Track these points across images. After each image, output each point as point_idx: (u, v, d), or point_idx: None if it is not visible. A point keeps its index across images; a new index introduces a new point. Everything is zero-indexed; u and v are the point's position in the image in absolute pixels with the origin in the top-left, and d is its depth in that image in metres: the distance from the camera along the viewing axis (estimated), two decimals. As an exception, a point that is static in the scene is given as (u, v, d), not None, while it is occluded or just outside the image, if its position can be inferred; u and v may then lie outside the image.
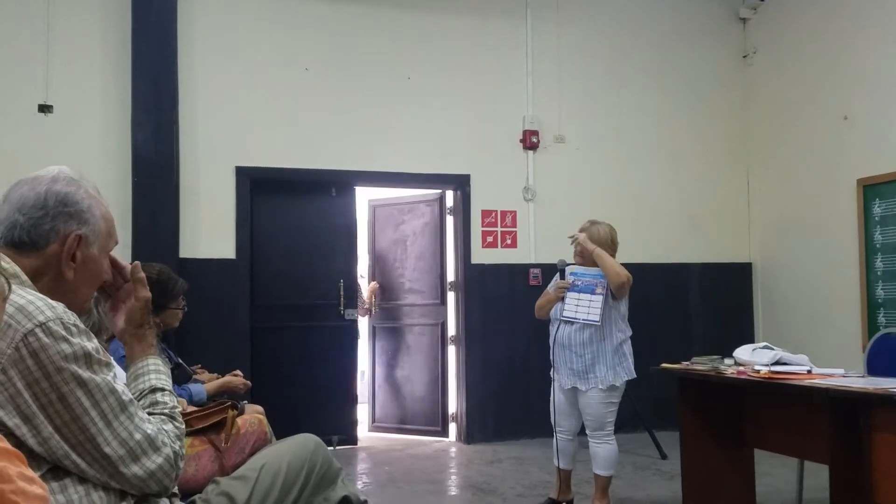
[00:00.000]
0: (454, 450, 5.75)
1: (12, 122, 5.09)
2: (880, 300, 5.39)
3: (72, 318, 1.32)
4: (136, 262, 1.63)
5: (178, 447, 1.45)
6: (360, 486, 4.64)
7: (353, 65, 5.80)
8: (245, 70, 5.57)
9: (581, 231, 3.90)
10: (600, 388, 3.72)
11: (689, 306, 6.48)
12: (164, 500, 1.46)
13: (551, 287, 3.97)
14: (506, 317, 5.97)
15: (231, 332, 5.40)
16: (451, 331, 6.15)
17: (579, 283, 3.83)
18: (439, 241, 6.19)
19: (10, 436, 1.22)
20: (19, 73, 5.14)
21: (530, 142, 6.12)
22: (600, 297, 3.73)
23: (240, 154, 5.53)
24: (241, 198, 5.53)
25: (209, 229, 5.44)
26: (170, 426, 1.47)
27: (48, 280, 1.41)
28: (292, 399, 5.49)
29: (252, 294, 5.56)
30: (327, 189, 5.86)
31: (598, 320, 3.71)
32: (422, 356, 6.24)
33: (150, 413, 1.47)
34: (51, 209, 1.41)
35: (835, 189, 5.77)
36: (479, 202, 6.05)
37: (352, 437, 5.82)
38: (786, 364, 3.25)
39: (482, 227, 6.06)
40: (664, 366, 3.74)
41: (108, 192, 1.66)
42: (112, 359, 1.43)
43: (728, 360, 3.53)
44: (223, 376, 3.65)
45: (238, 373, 3.69)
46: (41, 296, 1.32)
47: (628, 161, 6.40)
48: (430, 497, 4.47)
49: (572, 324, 3.80)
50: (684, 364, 3.68)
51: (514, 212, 6.13)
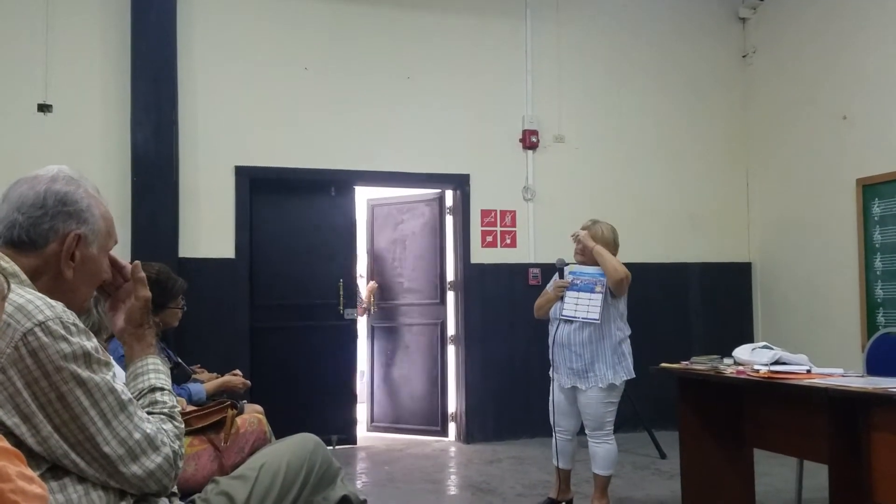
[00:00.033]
0: (454, 449, 5.75)
1: (12, 121, 5.09)
2: (879, 300, 5.40)
3: (71, 317, 1.32)
4: (137, 262, 1.63)
5: (177, 447, 1.45)
6: (359, 485, 4.64)
7: (353, 64, 5.80)
8: (245, 70, 5.57)
9: (583, 229, 3.92)
10: (600, 386, 3.72)
11: (688, 306, 6.48)
12: (163, 500, 1.46)
13: (550, 286, 3.97)
14: (505, 316, 5.97)
15: (230, 332, 5.40)
16: (451, 330, 6.15)
17: (578, 281, 3.83)
18: (438, 241, 6.19)
19: (10, 435, 1.22)
20: (19, 73, 5.13)
21: (530, 141, 6.12)
22: (599, 296, 3.74)
23: (239, 154, 5.53)
24: (240, 197, 5.53)
25: (209, 229, 5.44)
26: (169, 426, 1.47)
27: (47, 279, 1.41)
28: (292, 398, 5.50)
29: (251, 294, 5.56)
30: (327, 189, 5.86)
31: (597, 318, 3.71)
32: (421, 356, 6.24)
33: (149, 412, 1.47)
34: (50, 208, 1.41)
35: (834, 189, 5.77)
36: (479, 202, 6.05)
37: (351, 436, 5.82)
38: (785, 364, 3.25)
39: (482, 226, 6.06)
40: (663, 365, 3.74)
41: (108, 191, 1.66)
42: (111, 358, 1.43)
43: (727, 360, 3.53)
44: (222, 376, 3.65)
45: (237, 372, 3.69)
46: (40, 295, 1.32)
47: (628, 161, 6.40)
48: (430, 497, 4.47)
49: (571, 323, 3.80)
50: (684, 364, 3.68)
51: (514, 211, 6.13)
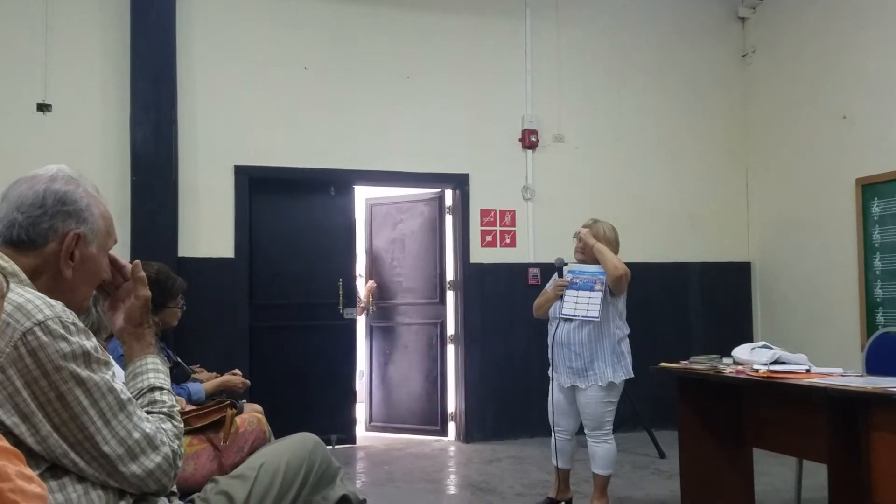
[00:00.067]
0: (453, 449, 5.75)
1: (11, 121, 5.09)
2: (879, 299, 5.40)
3: (70, 316, 1.32)
4: (137, 261, 1.63)
5: (176, 446, 1.45)
6: (358, 485, 4.64)
7: (353, 64, 5.80)
8: (244, 69, 5.57)
9: (584, 227, 3.93)
10: (599, 385, 3.72)
11: (688, 306, 6.48)
12: (162, 499, 1.46)
13: (550, 286, 3.97)
14: (505, 316, 5.97)
15: (230, 331, 5.40)
16: (450, 330, 6.15)
17: (578, 280, 3.83)
18: (438, 240, 6.19)
19: (9, 434, 1.22)
20: (18, 73, 5.13)
21: (529, 141, 6.12)
22: (599, 294, 3.74)
23: (239, 153, 5.53)
24: (240, 197, 5.53)
25: (208, 228, 5.44)
26: (168, 425, 1.47)
27: (47, 279, 1.41)
28: (291, 398, 5.49)
29: (251, 293, 5.56)
30: (326, 188, 5.86)
31: (597, 316, 3.71)
32: (421, 355, 6.24)
33: (148, 412, 1.47)
34: (49, 208, 1.41)
35: (834, 188, 5.77)
36: (478, 201, 6.05)
37: (350, 436, 5.82)
38: (784, 363, 3.25)
39: (481, 226, 6.06)
40: (663, 365, 3.74)
41: (107, 190, 1.66)
42: (111, 357, 1.43)
43: (727, 360, 3.53)
44: (222, 375, 3.65)
45: (237, 372, 3.70)
46: (40, 294, 1.32)
47: (628, 160, 6.40)
48: (429, 496, 4.47)
49: (571, 321, 3.80)
50: (683, 363, 3.68)
51: (513, 211, 6.13)
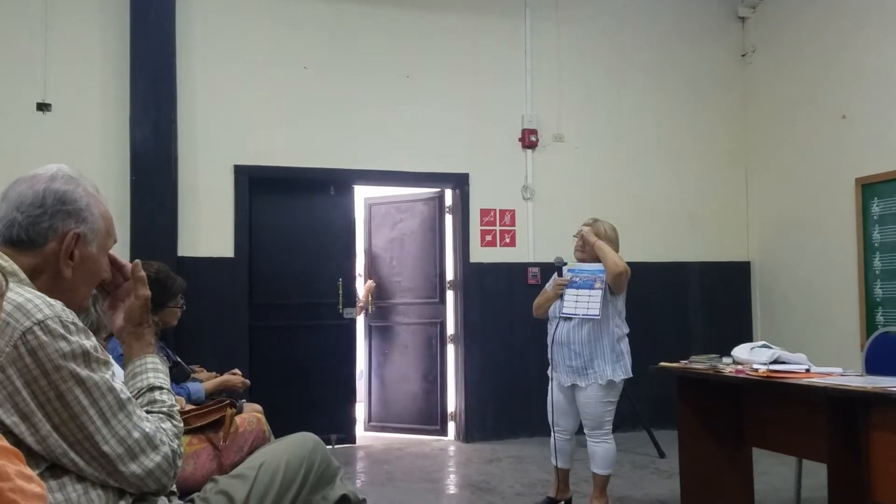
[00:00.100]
0: (453, 449, 5.75)
1: (11, 120, 5.09)
2: (879, 299, 5.40)
3: (70, 316, 1.32)
4: (137, 261, 1.63)
5: (176, 445, 1.45)
6: (358, 484, 4.64)
7: (353, 64, 5.80)
8: (244, 69, 5.57)
9: (585, 226, 3.93)
10: (599, 383, 3.72)
11: (687, 305, 6.48)
12: (162, 499, 1.46)
13: (549, 285, 3.97)
14: (504, 316, 5.97)
15: (229, 331, 5.40)
16: (450, 329, 6.15)
17: (577, 279, 3.83)
18: (437, 240, 6.19)
19: (9, 434, 1.22)
20: (18, 72, 5.13)
21: (529, 141, 6.12)
22: (599, 292, 3.74)
23: (238, 153, 5.52)
24: (239, 196, 5.53)
25: (208, 228, 5.44)
26: (168, 424, 1.47)
27: (46, 278, 1.41)
28: (291, 398, 5.49)
29: (250, 293, 5.56)
30: (326, 188, 5.86)
31: (597, 314, 3.71)
32: (421, 355, 6.23)
33: (148, 411, 1.47)
34: (49, 207, 1.41)
35: (833, 188, 5.77)
36: (478, 201, 6.05)
37: (350, 435, 5.82)
38: (784, 363, 3.25)
39: (481, 225, 6.06)
40: (663, 364, 3.74)
41: (107, 190, 1.66)
42: (110, 357, 1.43)
43: (726, 359, 3.53)
44: (221, 375, 3.65)
45: (237, 371, 3.69)
46: (39, 294, 1.32)
47: (627, 160, 6.40)
48: (429, 496, 4.47)
49: (571, 320, 3.81)
50: (683, 363, 3.68)
51: (513, 210, 6.13)
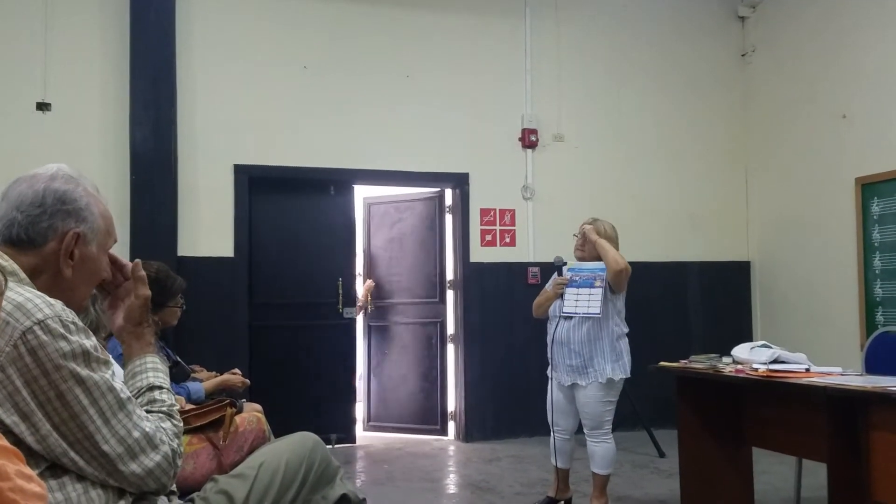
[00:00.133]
0: (453, 448, 5.75)
1: (11, 120, 5.09)
2: (878, 298, 5.40)
3: (70, 315, 1.31)
4: (137, 260, 1.63)
5: (176, 445, 1.45)
6: (358, 484, 4.64)
7: (352, 63, 5.80)
8: (244, 68, 5.56)
9: (587, 224, 3.93)
10: (599, 381, 3.71)
11: (687, 305, 6.48)
12: (162, 498, 1.46)
13: (549, 285, 3.97)
14: (504, 315, 5.97)
15: (229, 331, 5.39)
16: (450, 329, 6.15)
17: (577, 278, 3.83)
18: (437, 240, 6.19)
19: (9, 433, 1.22)
20: (18, 72, 5.13)
21: (529, 140, 6.12)
22: (599, 290, 3.73)
23: (238, 152, 5.52)
24: (239, 196, 5.53)
25: (208, 227, 5.44)
26: (168, 424, 1.47)
27: (46, 278, 1.41)
28: (291, 397, 5.49)
29: (250, 292, 5.56)
30: (326, 187, 5.86)
31: (598, 312, 3.70)
32: (421, 354, 6.23)
33: (147, 411, 1.47)
34: (49, 207, 1.41)
35: (833, 188, 5.77)
36: (478, 200, 6.05)
37: (350, 435, 5.82)
38: (784, 362, 3.25)
39: (481, 225, 6.06)
40: (662, 364, 3.74)
41: (107, 190, 1.66)
42: (110, 356, 1.43)
43: (726, 359, 3.53)
44: (221, 374, 3.65)
45: (236, 371, 3.69)
46: (39, 293, 1.31)
47: (627, 160, 6.40)
48: (429, 495, 4.47)
49: (570, 319, 3.80)
50: (683, 362, 3.68)
51: (513, 210, 6.13)
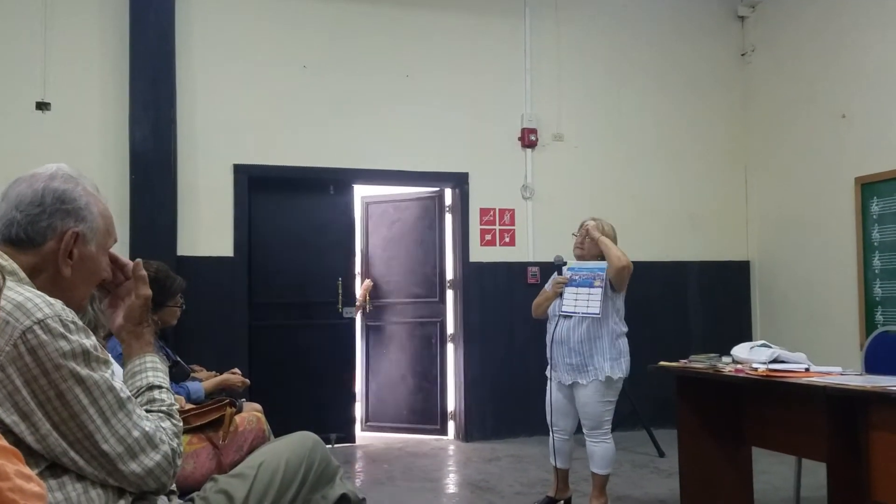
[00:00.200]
0: (452, 448, 5.75)
1: (11, 120, 5.08)
2: (878, 298, 5.40)
3: (70, 315, 1.31)
4: (138, 260, 1.62)
5: (175, 444, 1.45)
6: (358, 483, 4.64)
7: (352, 63, 5.79)
8: (243, 68, 5.56)
9: (591, 221, 3.93)
10: (599, 380, 3.70)
11: (687, 304, 6.48)
12: (162, 498, 1.46)
13: (549, 285, 3.97)
14: (504, 315, 5.97)
15: (229, 330, 5.39)
16: (450, 329, 6.15)
17: (577, 277, 3.83)
18: (438, 239, 6.19)
19: (9, 433, 1.22)
20: (18, 71, 5.12)
21: (529, 140, 6.12)
22: (599, 290, 3.73)
23: (238, 152, 5.52)
24: (239, 196, 5.53)
25: (207, 227, 5.43)
26: (167, 423, 1.47)
27: (46, 277, 1.41)
28: (290, 397, 5.49)
29: (250, 292, 5.55)
30: (326, 187, 5.86)
31: (598, 312, 3.70)
32: (420, 354, 6.23)
33: (147, 410, 1.47)
34: (48, 206, 1.41)
35: (833, 187, 5.77)
36: (478, 200, 6.05)
37: (350, 435, 5.82)
38: (784, 362, 3.25)
39: (480, 225, 6.05)
40: (662, 364, 3.73)
41: (106, 189, 1.65)
42: (110, 356, 1.43)
43: (726, 359, 3.53)
44: (221, 374, 3.65)
45: (236, 371, 3.69)
46: (39, 293, 1.31)
47: (627, 159, 6.40)
48: (429, 495, 4.47)
49: (570, 318, 3.80)
50: (682, 362, 3.68)
51: (513, 210, 6.13)
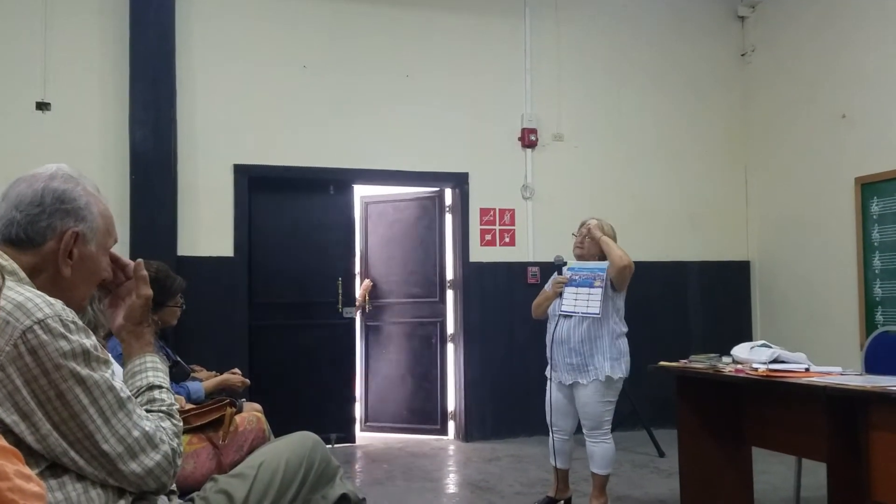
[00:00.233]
0: (452, 448, 5.75)
1: (11, 120, 5.08)
2: (878, 298, 5.40)
3: (70, 314, 1.31)
4: (139, 260, 1.62)
5: (176, 444, 1.45)
6: (358, 483, 4.64)
7: (352, 63, 5.79)
8: (243, 68, 5.56)
9: (593, 220, 3.93)
10: (600, 379, 3.70)
11: (687, 304, 6.48)
12: (162, 498, 1.46)
13: (549, 285, 3.97)
14: (504, 315, 5.97)
15: (229, 330, 5.39)
16: (450, 328, 6.15)
17: (577, 277, 3.83)
18: (438, 239, 6.19)
19: (9, 433, 1.22)
20: (18, 71, 5.12)
21: (529, 140, 6.12)
22: (599, 290, 3.73)
23: (238, 152, 5.52)
24: (239, 196, 5.53)
25: (207, 227, 5.43)
26: (168, 423, 1.47)
27: (46, 277, 1.41)
28: (290, 397, 5.49)
29: (250, 292, 5.55)
30: (325, 187, 5.86)
31: (598, 312, 3.69)
32: (420, 354, 6.23)
33: (147, 410, 1.47)
34: (48, 206, 1.41)
35: (833, 187, 5.77)
36: (478, 200, 6.05)
37: (350, 434, 5.82)
38: (784, 362, 3.25)
39: (480, 225, 6.05)
40: (662, 364, 3.73)
41: (106, 189, 1.65)
42: (110, 356, 1.43)
43: (726, 359, 3.53)
44: (221, 374, 3.65)
45: (236, 371, 3.69)
46: (39, 293, 1.31)
47: (627, 159, 6.40)
48: (429, 495, 4.47)
49: (570, 318, 3.80)
50: (682, 362, 3.68)
51: (513, 210, 6.13)
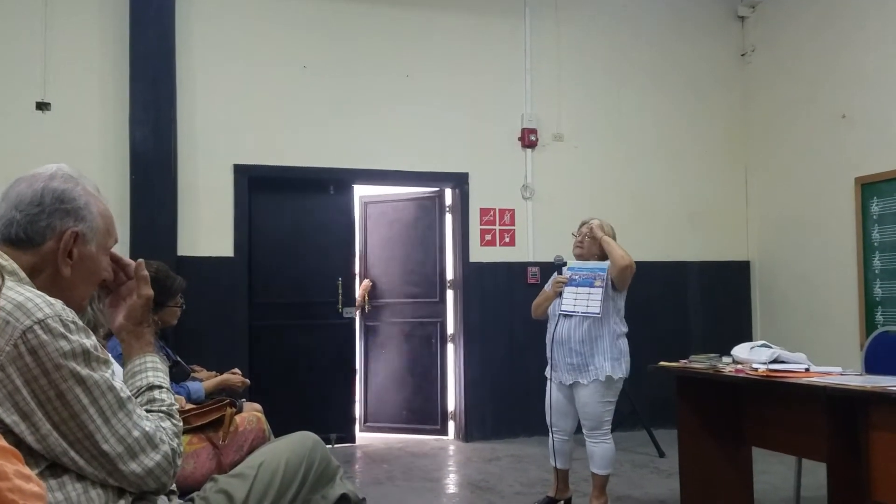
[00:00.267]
0: (452, 448, 5.75)
1: (11, 120, 5.08)
2: (878, 298, 5.40)
3: (70, 314, 1.31)
4: (140, 260, 1.63)
5: (176, 444, 1.45)
6: (358, 483, 4.64)
7: (352, 63, 5.80)
8: (243, 68, 5.56)
9: (594, 220, 3.92)
10: (600, 379, 3.69)
11: (687, 304, 6.48)
12: (162, 498, 1.46)
13: (549, 285, 3.97)
14: (504, 315, 5.97)
15: (229, 330, 5.39)
16: (450, 329, 6.15)
17: (577, 277, 3.82)
18: (436, 239, 6.19)
19: (9, 433, 1.22)
20: (18, 71, 5.12)
21: (529, 140, 6.12)
22: (599, 290, 3.72)
23: (238, 152, 5.52)
24: (239, 196, 5.53)
25: (207, 227, 5.43)
26: (168, 423, 1.47)
27: (45, 277, 1.41)
28: (290, 397, 5.49)
29: (250, 292, 5.56)
30: (325, 187, 5.86)
31: (598, 312, 3.69)
32: (420, 354, 6.23)
33: (147, 410, 1.47)
34: (47, 206, 1.41)
35: (833, 187, 5.77)
36: (478, 200, 6.05)
37: (350, 434, 5.82)
38: (784, 362, 3.25)
39: (480, 225, 6.06)
40: (662, 364, 3.74)
41: (107, 190, 1.65)
42: (110, 356, 1.43)
43: (726, 359, 3.53)
44: (221, 374, 3.65)
45: (236, 371, 3.69)
46: (39, 293, 1.31)
47: (627, 159, 6.40)
48: (429, 495, 4.47)
49: (570, 318, 3.79)
50: (682, 362, 3.68)
51: (513, 210, 6.13)
